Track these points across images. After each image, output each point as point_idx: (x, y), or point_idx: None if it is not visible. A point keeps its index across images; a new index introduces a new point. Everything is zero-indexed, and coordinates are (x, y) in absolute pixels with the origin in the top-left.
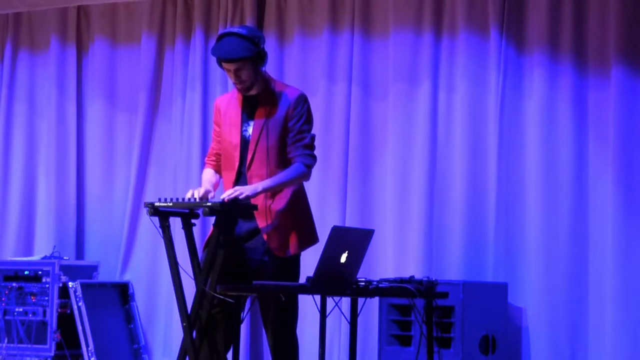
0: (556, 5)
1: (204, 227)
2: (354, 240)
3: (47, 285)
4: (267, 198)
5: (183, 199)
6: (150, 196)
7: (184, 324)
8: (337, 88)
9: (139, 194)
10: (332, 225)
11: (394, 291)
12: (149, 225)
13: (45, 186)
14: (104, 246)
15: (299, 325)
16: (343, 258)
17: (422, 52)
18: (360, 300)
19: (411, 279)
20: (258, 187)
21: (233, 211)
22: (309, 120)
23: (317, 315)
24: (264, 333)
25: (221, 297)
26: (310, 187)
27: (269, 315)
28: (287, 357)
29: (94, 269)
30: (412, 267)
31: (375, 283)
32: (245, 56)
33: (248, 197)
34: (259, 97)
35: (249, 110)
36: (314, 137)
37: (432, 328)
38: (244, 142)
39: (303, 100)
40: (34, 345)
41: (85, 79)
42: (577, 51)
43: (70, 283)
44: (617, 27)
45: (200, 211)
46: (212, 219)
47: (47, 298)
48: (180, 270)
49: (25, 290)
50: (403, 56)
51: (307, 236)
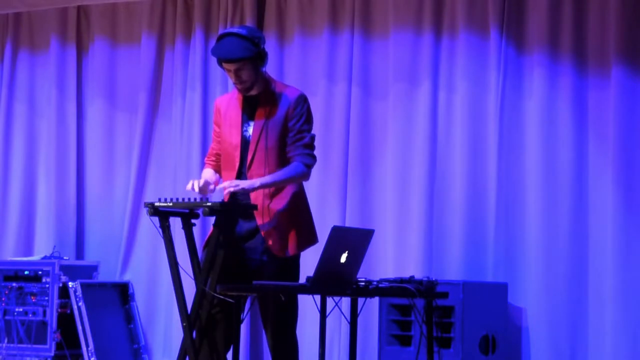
0: (556, 5)
1: (204, 227)
2: (354, 240)
3: (47, 285)
4: (266, 198)
5: (183, 199)
6: (150, 196)
7: (184, 324)
8: (337, 88)
9: (139, 194)
10: (332, 225)
11: (394, 291)
12: (149, 225)
13: (45, 186)
14: (104, 246)
15: (299, 325)
16: (343, 258)
17: (422, 52)
18: (360, 300)
19: (411, 279)
20: (256, 182)
21: (233, 211)
22: (308, 120)
23: (317, 315)
24: (264, 333)
25: (221, 297)
26: (310, 187)
27: (268, 315)
28: (287, 357)
29: (94, 269)
30: (412, 267)
31: (375, 283)
32: (245, 56)
33: (245, 190)
34: (259, 98)
35: (249, 110)
36: (313, 137)
37: (432, 328)
38: (245, 142)
39: (303, 100)
40: (34, 345)
41: (85, 79)
42: (577, 51)
43: (70, 283)
44: (617, 27)
45: (200, 211)
46: (212, 219)
47: (47, 298)
48: (180, 270)
49: (25, 290)
50: (403, 56)
51: (307, 236)
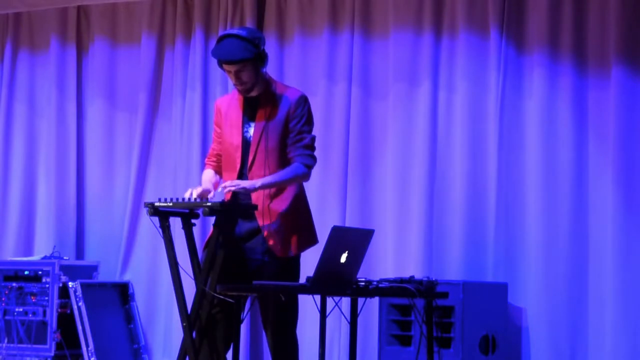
0: (556, 5)
1: (204, 227)
2: (354, 240)
3: (47, 285)
4: (267, 199)
5: (183, 199)
6: (150, 196)
7: (184, 324)
8: (337, 88)
9: (139, 194)
10: (332, 225)
11: (394, 291)
12: (149, 225)
13: (45, 186)
14: (104, 246)
15: (299, 325)
16: (343, 258)
17: (422, 52)
18: (360, 300)
19: (411, 279)
20: (257, 183)
21: (233, 211)
22: (309, 122)
23: (317, 315)
24: (264, 333)
25: (221, 297)
26: (310, 187)
27: (269, 315)
28: (287, 357)
29: (94, 269)
30: (412, 267)
31: (375, 283)
32: (245, 57)
33: (245, 190)
34: (259, 99)
35: (249, 111)
36: (314, 138)
37: (432, 328)
38: (245, 143)
39: (304, 101)
40: (34, 345)
41: (85, 79)
42: (577, 51)
43: (70, 283)
44: (617, 27)
45: (200, 211)
46: (212, 219)
47: (47, 298)
48: (180, 270)
49: (25, 290)
50: (403, 56)
51: (307, 237)
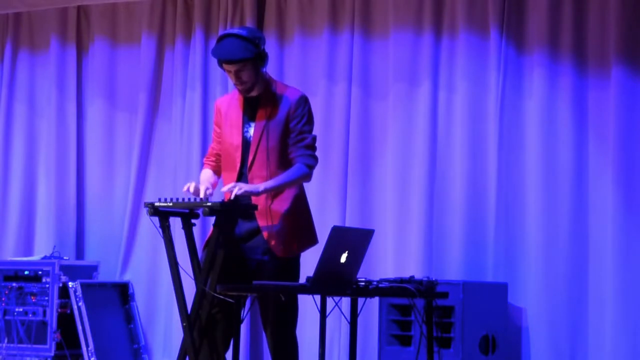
0: (556, 5)
1: (204, 227)
2: (354, 240)
3: (47, 285)
4: (267, 199)
5: (183, 199)
6: (150, 196)
7: (184, 324)
8: (337, 88)
9: (139, 194)
10: (332, 225)
11: (394, 291)
12: (149, 225)
13: (45, 186)
14: (104, 246)
15: (299, 325)
16: (343, 258)
17: (422, 52)
18: (360, 300)
19: (411, 279)
20: (259, 187)
21: (233, 211)
22: (310, 121)
23: (317, 315)
24: (264, 333)
25: (221, 297)
26: (310, 187)
27: (268, 315)
28: (287, 357)
29: (94, 269)
30: (412, 267)
31: (375, 283)
32: (245, 57)
33: (247, 192)
34: (259, 99)
35: (249, 111)
36: (315, 138)
37: (432, 328)
38: (245, 143)
39: (304, 101)
40: (34, 345)
41: (85, 79)
42: (577, 51)
43: (70, 283)
44: (617, 27)
45: (200, 211)
46: (212, 219)
47: (47, 298)
48: (180, 270)
49: (25, 290)
50: (403, 56)
51: (307, 237)
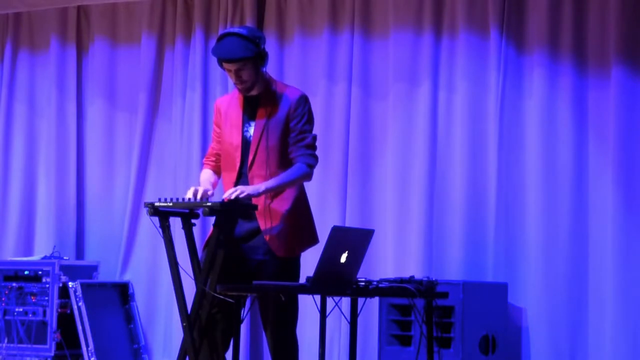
0: (556, 5)
1: (204, 227)
2: (354, 240)
3: (47, 285)
4: (267, 198)
5: (183, 199)
6: (150, 196)
7: (184, 324)
8: (337, 88)
9: (139, 194)
10: (332, 225)
11: (394, 291)
12: (149, 225)
13: (45, 186)
14: (104, 246)
15: (299, 325)
16: (343, 258)
17: (422, 52)
18: (360, 300)
19: (411, 279)
20: (260, 187)
21: (233, 211)
22: (310, 121)
23: (317, 315)
24: (264, 333)
25: (221, 297)
26: (310, 187)
27: (268, 315)
28: (287, 357)
29: (94, 269)
30: (412, 267)
31: (375, 283)
32: (246, 56)
33: (250, 195)
34: (259, 98)
35: (249, 111)
36: (315, 138)
37: (432, 328)
38: (245, 142)
39: (304, 100)
40: (34, 345)
41: (85, 79)
42: (577, 51)
43: (70, 283)
44: (617, 27)
45: (200, 211)
46: (212, 219)
47: (47, 298)
48: (180, 270)
49: (25, 290)
50: (403, 56)
51: (308, 237)
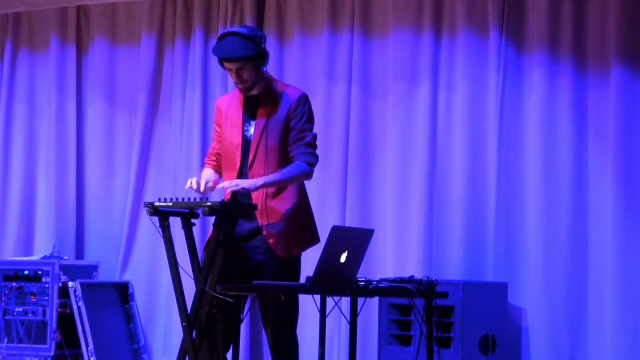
0: (556, 5)
1: (204, 227)
2: (354, 240)
3: (47, 285)
4: (268, 198)
5: (183, 199)
6: (150, 196)
7: (184, 324)
8: (337, 88)
9: (139, 194)
10: (332, 225)
11: (394, 291)
12: (149, 225)
13: (45, 186)
14: (104, 246)
15: (299, 325)
16: (343, 258)
17: (422, 52)
18: (360, 300)
19: (411, 279)
20: (258, 182)
21: (233, 211)
22: (310, 120)
23: (317, 315)
24: (264, 333)
25: (221, 297)
26: (310, 187)
27: (269, 315)
28: (287, 357)
29: (94, 269)
30: (412, 267)
31: (375, 283)
32: (246, 56)
33: (246, 190)
34: (260, 98)
35: (250, 110)
36: (315, 137)
37: (432, 328)
38: (246, 142)
39: (305, 100)
40: (34, 345)
41: (85, 79)
42: (577, 51)
43: (70, 283)
44: (617, 27)
45: (200, 211)
46: (212, 219)
47: (47, 298)
48: (180, 270)
49: (25, 290)
50: (403, 56)
51: (309, 236)
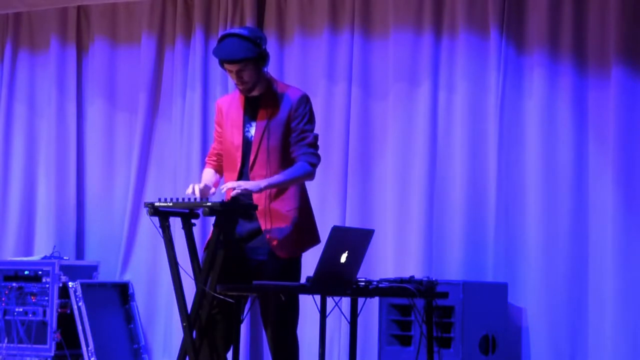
0: (556, 5)
1: (204, 227)
2: (354, 240)
3: (47, 285)
4: (269, 198)
5: (183, 199)
6: (150, 196)
7: (184, 324)
8: (337, 88)
9: (139, 194)
10: (332, 225)
11: (394, 291)
12: (149, 225)
13: (45, 186)
14: (104, 246)
15: (299, 325)
16: (343, 258)
17: (422, 52)
18: (360, 300)
19: (411, 279)
20: (261, 183)
21: (233, 211)
22: (311, 120)
23: (317, 315)
24: (264, 333)
25: (221, 297)
26: (311, 187)
27: (269, 315)
28: (287, 357)
29: (94, 269)
30: (412, 267)
31: (375, 283)
32: (247, 57)
33: (249, 191)
34: (261, 98)
35: (251, 111)
36: (317, 137)
37: (432, 328)
38: (247, 143)
39: (305, 100)
40: (34, 345)
41: (85, 79)
42: (577, 51)
43: (70, 283)
44: (617, 27)
45: (200, 211)
46: (212, 219)
47: (47, 298)
48: (180, 270)
49: (25, 290)
50: (403, 56)
51: (309, 237)
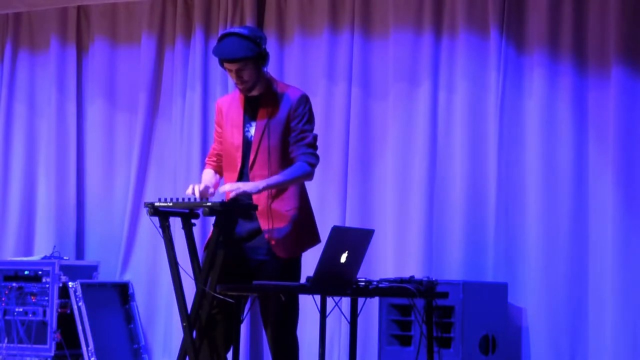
0: (556, 5)
1: (204, 227)
2: (354, 240)
3: (47, 285)
4: (268, 198)
5: (183, 199)
6: (150, 196)
7: (184, 324)
8: (337, 88)
9: (139, 194)
10: (332, 225)
11: (394, 291)
12: (149, 225)
13: (45, 186)
14: (104, 246)
15: (299, 325)
16: (343, 258)
17: (422, 52)
18: (360, 300)
19: (411, 279)
20: (260, 184)
21: (233, 211)
22: (310, 120)
23: (317, 315)
24: (264, 333)
25: (221, 297)
26: (311, 187)
27: (269, 315)
28: (287, 357)
29: (94, 269)
30: (412, 267)
31: (375, 283)
32: (247, 56)
33: (247, 193)
34: (260, 98)
35: (250, 111)
36: (316, 137)
37: (432, 328)
38: (246, 143)
39: (305, 100)
40: (34, 345)
41: (85, 79)
42: (577, 51)
43: (70, 283)
44: (617, 27)
45: (200, 211)
46: (212, 219)
47: (47, 298)
48: (180, 270)
49: (25, 290)
50: (403, 56)
51: (309, 237)
